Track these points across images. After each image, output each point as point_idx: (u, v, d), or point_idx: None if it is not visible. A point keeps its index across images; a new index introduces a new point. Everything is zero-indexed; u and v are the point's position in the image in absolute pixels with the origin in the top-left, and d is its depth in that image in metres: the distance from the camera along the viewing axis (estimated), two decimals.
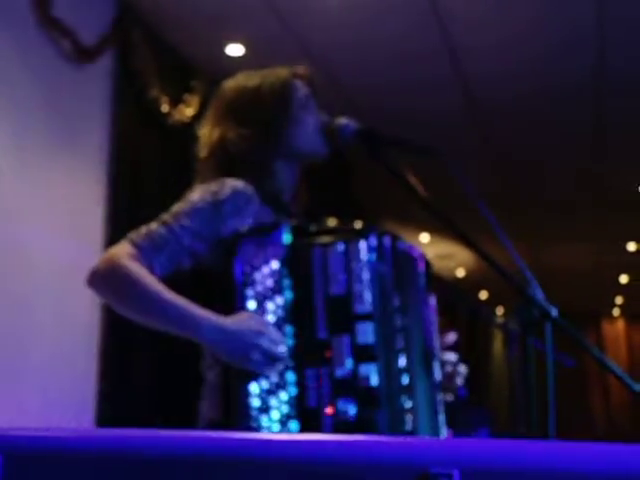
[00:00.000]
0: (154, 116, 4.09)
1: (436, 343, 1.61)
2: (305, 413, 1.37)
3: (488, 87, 4.87)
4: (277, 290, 1.42)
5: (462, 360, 1.82)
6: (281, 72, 1.68)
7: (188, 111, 4.31)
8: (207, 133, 1.66)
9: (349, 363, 1.38)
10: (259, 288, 1.41)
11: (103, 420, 3.54)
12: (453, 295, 10.89)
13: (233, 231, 1.46)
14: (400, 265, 1.50)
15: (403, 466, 0.74)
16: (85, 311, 3.59)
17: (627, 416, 12.07)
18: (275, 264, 1.42)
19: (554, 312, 1.36)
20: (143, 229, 1.46)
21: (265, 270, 1.41)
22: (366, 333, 1.39)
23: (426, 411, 1.53)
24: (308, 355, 1.39)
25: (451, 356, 1.75)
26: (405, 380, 1.45)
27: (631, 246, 8.79)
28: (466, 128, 5.50)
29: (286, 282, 1.42)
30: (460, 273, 10.41)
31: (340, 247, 1.41)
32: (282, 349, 1.39)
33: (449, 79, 4.76)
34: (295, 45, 4.37)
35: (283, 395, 1.38)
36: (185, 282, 1.52)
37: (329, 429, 1.36)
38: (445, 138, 5.24)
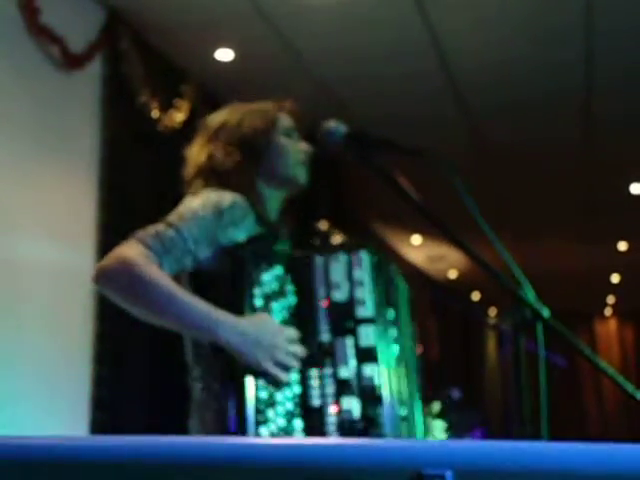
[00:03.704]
0: (144, 121, 4.08)
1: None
2: (309, 412, 1.41)
3: (477, 88, 4.89)
4: (281, 293, 1.47)
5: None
6: (267, 104, 1.77)
7: (178, 116, 4.31)
8: (195, 153, 1.72)
9: (352, 364, 1.43)
10: (266, 289, 1.45)
11: (97, 428, 3.53)
12: (446, 297, 10.91)
13: (230, 240, 1.50)
14: (392, 281, 1.60)
15: (396, 468, 0.75)
16: (78, 316, 3.58)
17: (620, 416, 12.11)
18: (279, 269, 1.47)
19: (546, 312, 1.36)
20: (151, 229, 1.48)
21: (270, 274, 1.46)
22: (368, 336, 1.45)
23: (419, 419, 1.61)
24: (311, 356, 1.44)
25: None
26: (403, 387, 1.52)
27: (622, 246, 8.82)
28: (455, 129, 5.51)
29: (289, 287, 1.47)
30: (452, 275, 10.43)
31: (342, 256, 1.49)
32: (298, 350, 1.43)
33: (438, 80, 4.77)
34: (284, 50, 4.37)
35: (288, 392, 1.42)
36: (185, 284, 1.54)
37: (333, 427, 1.40)
38: (434, 139, 5.26)
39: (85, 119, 3.81)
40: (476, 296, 11.72)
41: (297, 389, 1.42)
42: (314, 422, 1.40)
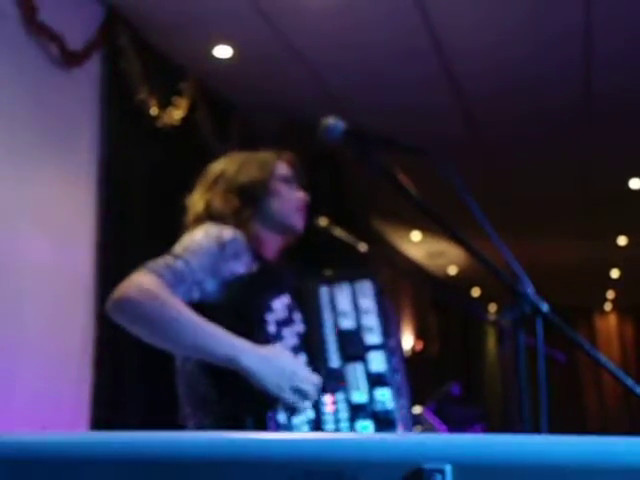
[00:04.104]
0: (143, 119, 4.08)
1: None
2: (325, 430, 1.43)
3: (475, 84, 4.88)
4: (290, 321, 1.50)
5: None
6: (266, 154, 1.80)
7: (177, 113, 4.31)
8: (194, 201, 1.75)
9: (364, 389, 1.47)
10: (278, 315, 1.48)
11: (97, 426, 3.53)
12: (446, 293, 10.91)
13: (232, 273, 1.53)
14: (388, 309, 1.62)
15: (395, 462, 0.75)
16: (78, 315, 3.58)
17: (620, 410, 12.12)
18: (286, 298, 1.51)
19: (545, 307, 1.36)
20: (160, 261, 1.49)
21: (279, 302, 1.49)
22: (378, 362, 1.49)
23: None
24: (323, 382, 1.46)
25: None
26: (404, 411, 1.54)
27: (622, 240, 8.82)
28: (453, 125, 5.51)
29: (297, 315, 1.51)
30: (452, 271, 10.43)
31: (346, 286, 1.54)
32: (315, 380, 1.44)
33: (436, 77, 4.77)
34: (283, 46, 4.37)
35: (302, 417, 1.44)
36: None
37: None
38: (432, 135, 5.25)
39: (84, 117, 3.80)
40: (476, 292, 11.72)
41: (311, 414, 1.44)
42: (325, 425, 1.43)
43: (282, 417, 1.40)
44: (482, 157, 6.12)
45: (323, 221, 1.86)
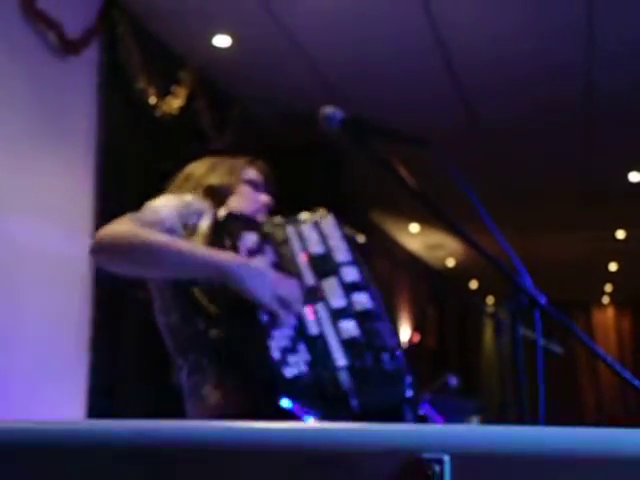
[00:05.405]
0: (141, 108, 4.07)
1: None
2: (309, 340, 1.46)
3: (477, 77, 4.87)
4: (261, 252, 1.54)
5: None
6: (238, 160, 1.86)
7: (176, 102, 4.30)
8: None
9: (342, 296, 1.52)
10: (248, 245, 1.53)
11: (94, 414, 3.54)
12: (444, 285, 10.93)
13: (193, 228, 1.57)
14: (354, 239, 1.68)
15: (394, 451, 0.75)
16: (75, 302, 3.59)
17: (617, 403, 12.16)
18: (255, 236, 1.55)
19: (543, 299, 1.36)
20: (129, 214, 1.57)
21: (249, 236, 1.54)
22: (351, 273, 1.56)
23: None
24: (302, 296, 1.51)
25: None
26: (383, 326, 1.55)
27: (620, 234, 8.82)
28: (454, 118, 5.50)
29: (267, 247, 1.55)
30: (450, 263, 10.44)
31: (310, 224, 1.61)
32: (296, 289, 1.50)
33: (437, 71, 4.76)
34: (282, 36, 4.35)
35: (286, 328, 1.47)
36: None
37: (339, 348, 1.46)
38: (432, 128, 5.24)
39: (82, 105, 3.79)
40: (474, 284, 11.74)
41: (293, 320, 1.48)
42: (316, 348, 1.45)
43: (266, 318, 1.43)
44: (482, 150, 6.12)
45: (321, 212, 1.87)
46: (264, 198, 1.81)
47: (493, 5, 4.12)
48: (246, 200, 1.76)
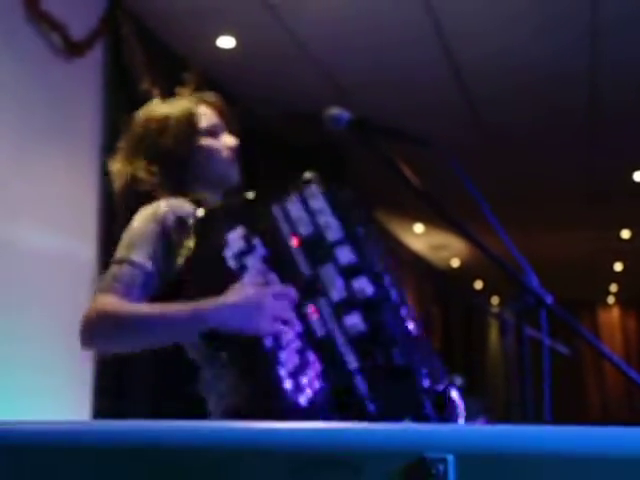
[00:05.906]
0: None
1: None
2: (317, 344, 1.42)
3: (481, 75, 4.87)
4: (250, 248, 1.47)
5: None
6: (186, 102, 1.78)
7: None
8: (119, 170, 1.72)
9: (341, 285, 1.45)
10: (234, 248, 1.45)
11: (100, 415, 3.54)
12: (448, 285, 10.91)
13: (179, 243, 1.51)
14: (349, 203, 1.58)
15: (398, 451, 0.75)
16: (79, 304, 3.58)
17: (622, 403, 12.13)
18: (240, 229, 1.47)
19: (549, 299, 1.36)
20: (107, 276, 1.53)
21: (234, 235, 1.46)
22: (346, 254, 1.47)
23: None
24: (301, 293, 1.46)
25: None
26: (395, 295, 1.51)
27: (625, 233, 8.80)
28: (459, 117, 5.49)
29: (256, 241, 1.48)
30: (455, 263, 10.43)
31: (295, 196, 1.50)
32: (290, 293, 1.44)
33: (442, 68, 4.75)
34: (286, 37, 4.35)
35: (290, 335, 1.43)
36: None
37: (346, 345, 1.42)
38: (437, 127, 5.24)
39: (87, 106, 3.80)
40: (479, 285, 11.72)
41: (299, 326, 1.44)
42: (325, 351, 1.42)
43: (269, 342, 1.40)
44: (487, 152, 6.11)
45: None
46: (228, 141, 1.74)
47: (501, 16, 4.12)
48: (210, 155, 1.69)
